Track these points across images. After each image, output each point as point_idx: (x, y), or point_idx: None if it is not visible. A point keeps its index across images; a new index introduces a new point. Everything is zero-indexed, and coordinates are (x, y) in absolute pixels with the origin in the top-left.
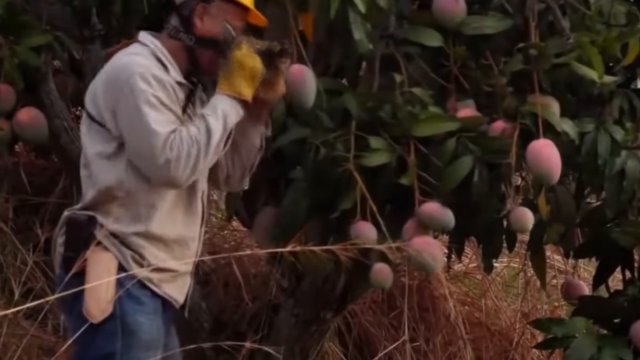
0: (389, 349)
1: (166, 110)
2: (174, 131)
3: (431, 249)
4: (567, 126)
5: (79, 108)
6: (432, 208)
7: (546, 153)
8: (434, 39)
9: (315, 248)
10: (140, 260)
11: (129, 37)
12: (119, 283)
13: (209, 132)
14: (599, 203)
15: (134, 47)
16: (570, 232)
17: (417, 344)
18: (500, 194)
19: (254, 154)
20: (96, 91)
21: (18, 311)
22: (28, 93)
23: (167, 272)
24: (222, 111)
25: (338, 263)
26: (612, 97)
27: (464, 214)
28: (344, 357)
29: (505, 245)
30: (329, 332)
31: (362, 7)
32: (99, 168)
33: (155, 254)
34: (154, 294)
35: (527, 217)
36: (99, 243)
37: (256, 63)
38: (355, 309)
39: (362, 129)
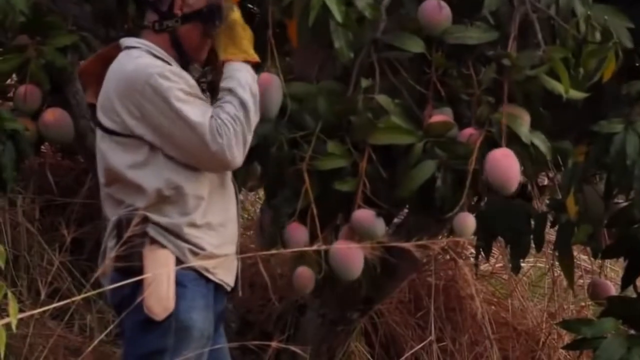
0: (416, 349)
1: (195, 99)
2: (212, 117)
3: (348, 256)
4: (538, 140)
5: None
6: (364, 216)
7: (504, 164)
8: (416, 46)
9: (343, 247)
10: (199, 251)
11: None
12: (177, 280)
13: (243, 105)
14: (627, 203)
15: (126, 54)
16: (598, 232)
17: (444, 344)
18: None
19: None
20: (112, 105)
21: (44, 311)
22: (54, 93)
23: (220, 257)
24: (245, 80)
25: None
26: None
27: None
28: (370, 357)
29: (532, 245)
30: (355, 332)
31: (339, 18)
32: (139, 177)
33: (211, 242)
34: (208, 285)
35: (468, 224)
36: (154, 242)
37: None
38: (381, 309)
39: (329, 132)
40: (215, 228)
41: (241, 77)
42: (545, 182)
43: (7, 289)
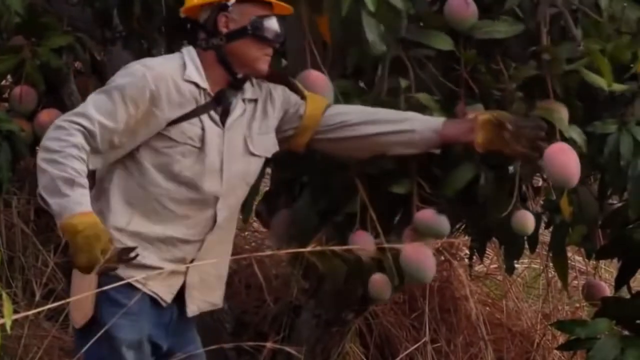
0: (410, 349)
1: (122, 105)
2: (83, 127)
3: (420, 258)
4: (575, 133)
5: None
6: (427, 215)
7: (563, 158)
8: (444, 43)
9: (336, 248)
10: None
11: (150, 39)
12: (100, 286)
13: (61, 172)
14: (621, 204)
15: None
16: (592, 233)
17: (438, 345)
18: (510, 195)
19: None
20: None
21: (39, 312)
22: (49, 94)
23: (152, 269)
24: (65, 199)
25: (357, 264)
26: (634, 98)
27: (473, 216)
28: (365, 358)
29: (526, 246)
30: (350, 333)
31: (371, 6)
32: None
33: (140, 252)
34: (134, 293)
35: (528, 221)
36: None
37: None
38: (376, 309)
39: None
40: (152, 242)
41: (66, 201)
42: (540, 182)
43: (2, 290)
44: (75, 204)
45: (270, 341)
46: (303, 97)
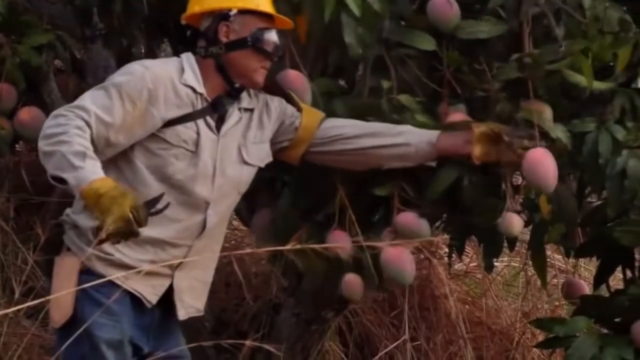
0: (390, 348)
1: (119, 102)
2: (81, 117)
3: (401, 261)
4: (560, 132)
5: None
6: (408, 219)
7: (543, 166)
8: (427, 43)
9: (315, 246)
10: (105, 256)
11: (130, 37)
12: (81, 285)
13: (68, 149)
14: (600, 202)
15: None
16: (571, 231)
17: (418, 343)
18: (496, 197)
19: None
20: None
21: (19, 310)
22: (29, 92)
23: (133, 269)
24: (80, 171)
25: (337, 263)
26: (613, 97)
27: (457, 219)
28: (344, 356)
29: (505, 244)
30: (329, 331)
31: (356, 11)
32: None
33: (122, 251)
34: (122, 295)
35: (515, 223)
36: (67, 249)
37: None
38: (356, 308)
39: None
40: (138, 242)
41: (84, 172)
42: (519, 181)
43: None
44: (91, 173)
45: (249, 339)
46: (299, 109)
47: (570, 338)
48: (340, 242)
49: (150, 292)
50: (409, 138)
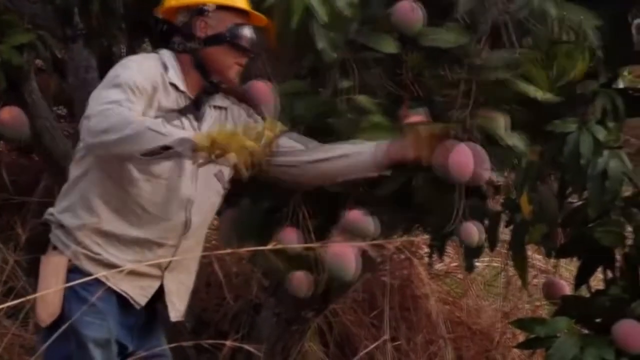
0: (370, 348)
1: (131, 93)
2: (118, 104)
3: (343, 257)
4: (515, 140)
5: (61, 107)
6: (355, 216)
7: (456, 160)
8: (390, 46)
9: (295, 246)
10: (94, 256)
11: (110, 37)
12: (68, 284)
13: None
14: (581, 203)
15: None
16: (552, 231)
17: (398, 343)
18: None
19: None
20: None
21: None
22: (10, 92)
23: (121, 268)
24: (177, 136)
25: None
26: (594, 97)
27: (410, 219)
28: (325, 356)
29: (486, 244)
30: (310, 331)
31: (324, 18)
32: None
33: (109, 251)
34: (108, 294)
35: (473, 234)
36: (53, 247)
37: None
38: (336, 308)
39: (312, 135)
40: (126, 243)
41: (178, 134)
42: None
43: None
44: (183, 131)
45: (230, 339)
46: (263, 118)
47: (551, 338)
48: (289, 240)
49: (139, 293)
50: (359, 148)
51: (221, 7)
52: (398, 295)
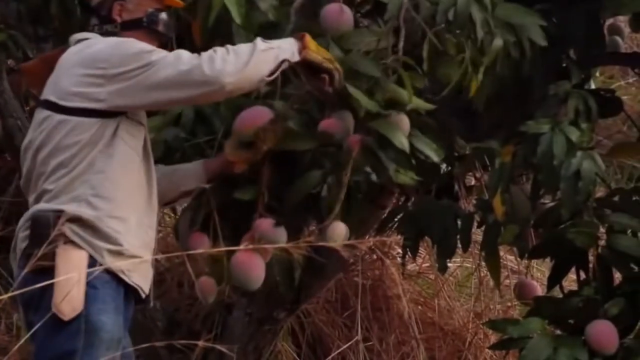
0: (342, 348)
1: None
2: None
3: (247, 266)
4: (430, 150)
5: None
6: (264, 225)
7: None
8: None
9: (268, 246)
10: (116, 249)
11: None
12: (88, 280)
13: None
14: (554, 204)
15: (85, 42)
16: (524, 232)
17: (371, 343)
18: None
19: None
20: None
21: None
22: None
23: (137, 258)
24: (283, 44)
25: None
26: (567, 98)
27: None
28: (297, 357)
29: (459, 245)
30: (282, 331)
31: (238, 20)
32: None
33: (128, 240)
34: (119, 288)
35: (338, 232)
36: (68, 241)
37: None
38: (308, 308)
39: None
40: (133, 227)
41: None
42: (473, 182)
43: None
44: (286, 42)
45: (202, 339)
46: None
47: (524, 339)
48: (198, 244)
49: (144, 281)
50: (186, 166)
51: None
52: (370, 295)
